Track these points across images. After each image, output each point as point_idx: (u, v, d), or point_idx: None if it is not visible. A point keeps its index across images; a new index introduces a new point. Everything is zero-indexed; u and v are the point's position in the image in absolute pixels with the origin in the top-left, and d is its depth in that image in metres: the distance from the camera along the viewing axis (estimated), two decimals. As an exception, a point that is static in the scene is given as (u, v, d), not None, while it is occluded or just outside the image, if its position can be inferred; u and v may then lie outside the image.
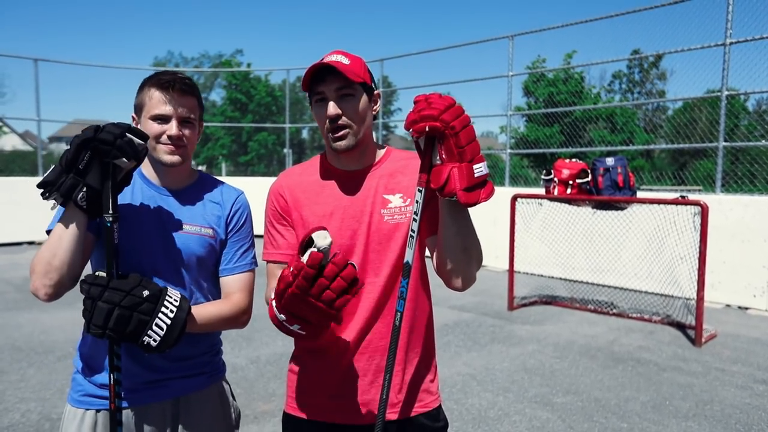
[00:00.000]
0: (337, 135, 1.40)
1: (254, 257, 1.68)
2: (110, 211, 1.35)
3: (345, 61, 1.41)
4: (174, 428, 1.57)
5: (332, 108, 1.39)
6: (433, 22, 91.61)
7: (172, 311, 1.37)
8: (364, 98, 1.43)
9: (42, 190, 1.34)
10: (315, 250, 1.18)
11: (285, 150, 15.16)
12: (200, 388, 1.62)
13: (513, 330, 5.59)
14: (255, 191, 3.85)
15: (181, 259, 1.54)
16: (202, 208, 1.61)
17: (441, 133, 1.21)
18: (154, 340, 1.34)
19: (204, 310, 1.51)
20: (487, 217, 8.19)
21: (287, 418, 1.57)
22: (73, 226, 1.35)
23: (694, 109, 11.51)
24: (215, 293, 1.64)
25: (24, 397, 3.76)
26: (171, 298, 1.39)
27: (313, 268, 1.15)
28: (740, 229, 6.61)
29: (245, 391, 3.91)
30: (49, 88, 13.83)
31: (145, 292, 1.34)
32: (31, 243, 11.00)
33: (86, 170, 1.32)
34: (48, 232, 1.45)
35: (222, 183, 1.70)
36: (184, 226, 1.56)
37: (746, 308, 6.56)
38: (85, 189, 1.32)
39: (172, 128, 1.50)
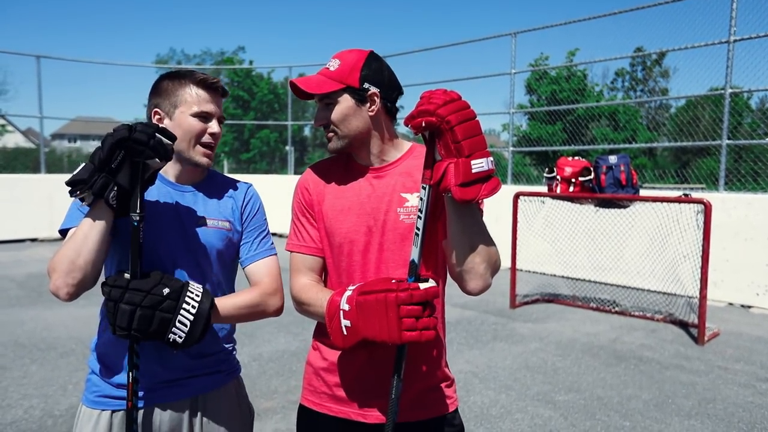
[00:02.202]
0: (326, 138, 1.48)
1: (273, 244, 1.69)
2: (137, 210, 1.35)
3: (333, 67, 1.44)
4: (191, 427, 1.56)
5: (317, 117, 1.48)
6: (435, 20, 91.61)
7: (194, 306, 1.37)
8: (348, 103, 1.43)
9: (71, 188, 1.33)
10: (434, 285, 1.25)
11: (287, 147, 15.13)
12: (218, 387, 1.62)
13: (515, 328, 5.59)
14: (257, 188, 3.84)
15: (202, 252, 1.55)
16: (217, 202, 1.62)
17: (437, 128, 1.20)
18: (180, 337, 1.35)
19: (231, 301, 1.52)
20: (490, 215, 8.14)
21: (302, 411, 1.57)
22: (100, 225, 1.35)
23: (697, 107, 11.48)
24: (234, 289, 1.66)
25: (27, 393, 3.77)
26: (193, 293, 1.39)
27: (426, 297, 1.21)
28: (743, 228, 6.60)
29: (247, 388, 3.90)
30: (52, 86, 13.88)
31: (166, 290, 1.35)
32: (33, 240, 11.03)
33: (118, 169, 1.32)
34: (62, 231, 1.45)
35: (230, 178, 1.73)
36: (201, 221, 1.57)
37: (749, 307, 6.55)
38: (116, 188, 1.32)
39: (215, 126, 1.54)
